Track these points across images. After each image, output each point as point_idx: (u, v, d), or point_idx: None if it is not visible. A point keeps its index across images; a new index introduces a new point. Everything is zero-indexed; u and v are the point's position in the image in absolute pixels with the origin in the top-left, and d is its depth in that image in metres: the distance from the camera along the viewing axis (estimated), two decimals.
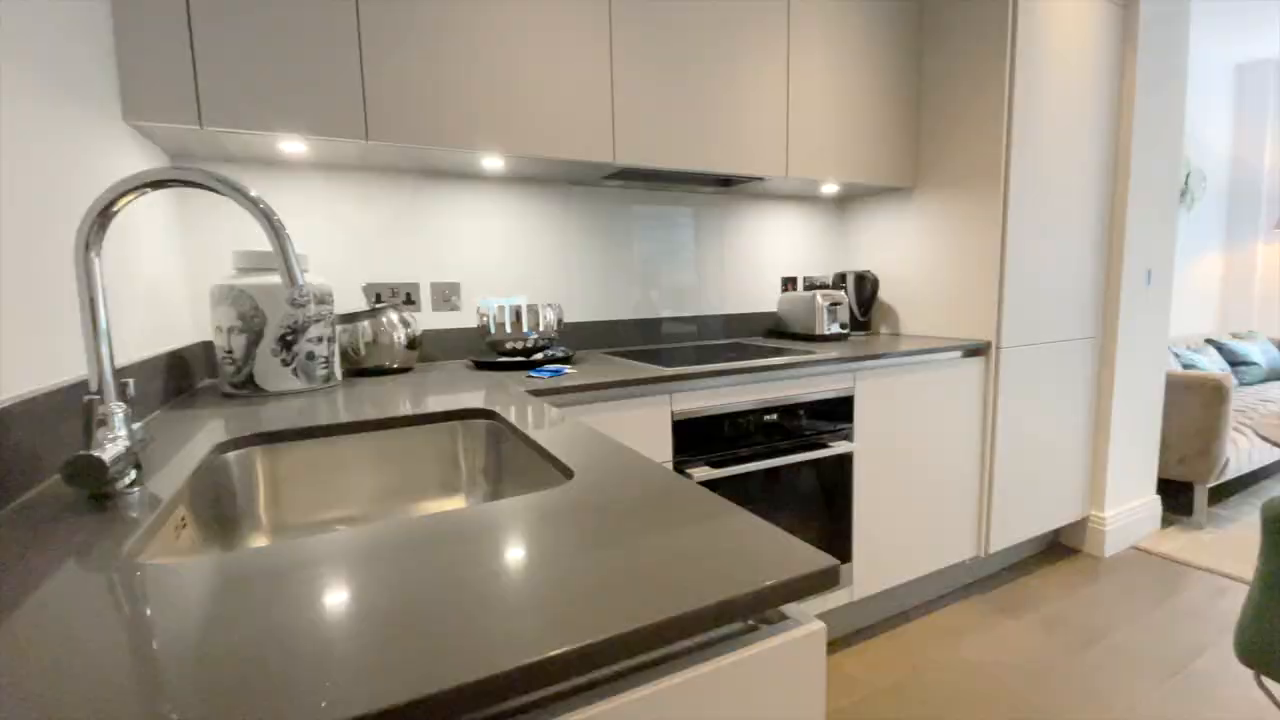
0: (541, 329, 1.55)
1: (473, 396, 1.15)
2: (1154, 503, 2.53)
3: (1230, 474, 2.63)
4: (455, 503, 1.04)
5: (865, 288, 2.26)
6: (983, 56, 1.95)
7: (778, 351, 1.80)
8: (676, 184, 2.00)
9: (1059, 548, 2.45)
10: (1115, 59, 2.18)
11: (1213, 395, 2.48)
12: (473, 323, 1.79)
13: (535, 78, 1.47)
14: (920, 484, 1.91)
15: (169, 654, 0.36)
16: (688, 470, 1.47)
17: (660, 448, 1.42)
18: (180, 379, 1.27)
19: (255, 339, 1.21)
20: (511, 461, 0.95)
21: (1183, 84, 2.35)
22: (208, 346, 1.48)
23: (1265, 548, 0.98)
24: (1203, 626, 1.90)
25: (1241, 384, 3.36)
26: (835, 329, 2.12)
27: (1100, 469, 2.35)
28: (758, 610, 0.44)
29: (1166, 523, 2.62)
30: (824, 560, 0.46)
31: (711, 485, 1.50)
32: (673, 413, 1.44)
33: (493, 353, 1.60)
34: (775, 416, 1.61)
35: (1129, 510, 2.43)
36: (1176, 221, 2.44)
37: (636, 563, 0.47)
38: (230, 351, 1.21)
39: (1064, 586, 2.16)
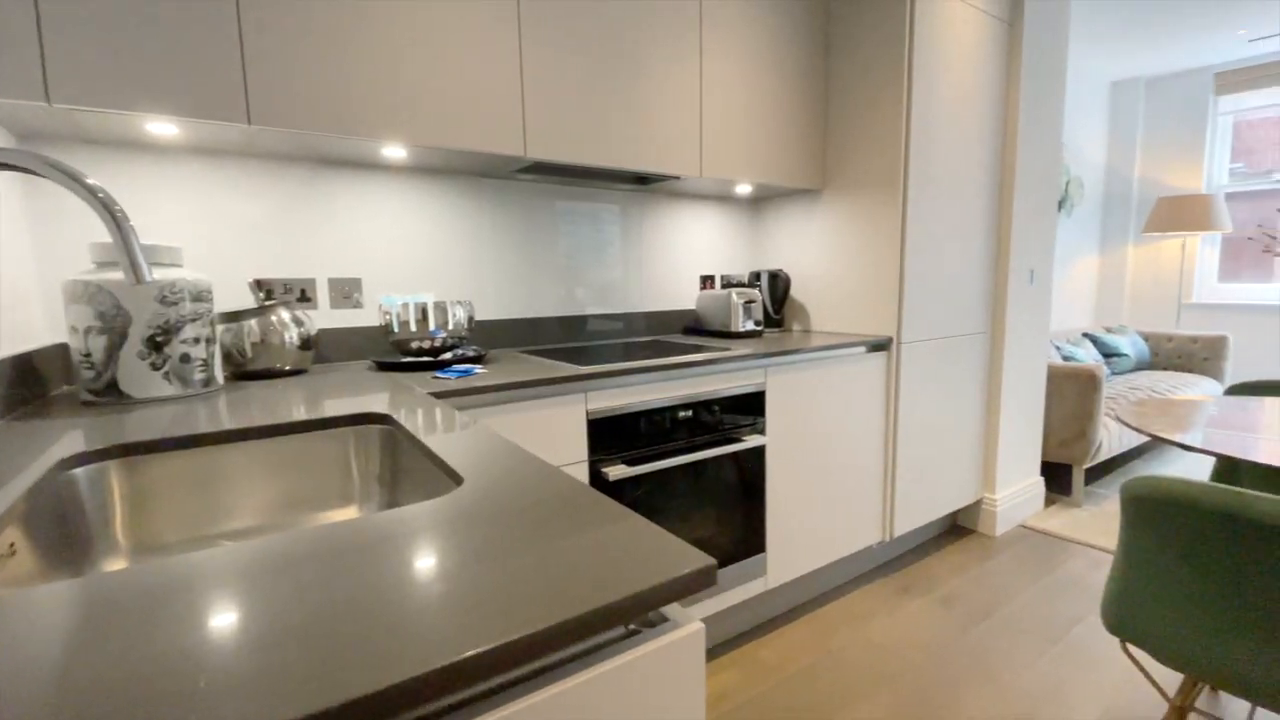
0: (450, 328, 1.49)
1: (369, 400, 1.09)
2: (1038, 484, 2.76)
3: (1104, 456, 2.90)
4: (348, 513, 0.98)
5: (778, 286, 2.33)
6: (882, 68, 2.04)
7: (696, 348, 1.82)
8: (593, 180, 1.98)
9: (957, 529, 2.63)
10: (1001, 74, 2.34)
11: (1087, 384, 2.73)
12: (376, 321, 1.70)
13: (439, 65, 1.41)
14: (829, 473, 1.98)
15: None
16: (603, 469, 1.46)
17: (574, 447, 1.40)
18: (29, 386, 1.13)
19: (118, 340, 1.09)
20: (408, 468, 0.90)
21: (1061, 98, 2.55)
22: (65, 349, 1.33)
23: (1124, 526, 1.08)
24: (1081, 597, 2.09)
25: (1113, 373, 3.71)
26: (750, 326, 2.17)
27: (992, 454, 2.53)
28: (636, 614, 0.43)
29: (1049, 502, 2.87)
30: (701, 560, 0.46)
31: (627, 483, 1.50)
32: (588, 411, 1.42)
33: (397, 353, 1.52)
34: (690, 412, 1.62)
35: (1017, 491, 2.63)
36: (1056, 225, 2.66)
37: (514, 573, 0.45)
38: (88, 355, 1.09)
39: (960, 565, 2.32)
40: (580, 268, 2.11)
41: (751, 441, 1.73)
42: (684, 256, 2.37)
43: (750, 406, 1.76)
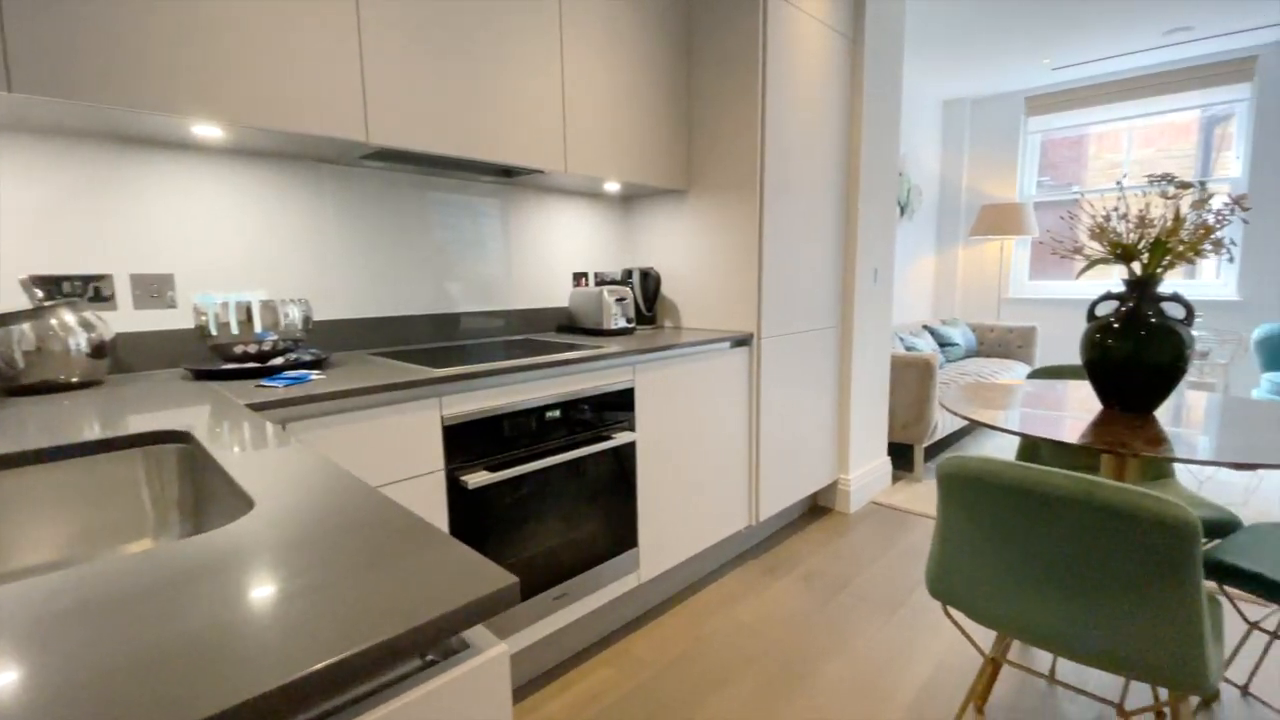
0: (282, 329, 1.35)
1: (170, 415, 0.95)
2: (886, 463, 3.03)
3: (940, 435, 3.25)
4: (141, 547, 0.85)
5: (649, 284, 2.36)
6: (738, 76, 2.12)
7: (567, 347, 1.79)
8: (452, 170, 1.88)
9: (816, 509, 2.82)
10: (846, 86, 2.53)
11: (924, 371, 3.03)
12: (193, 323, 1.50)
13: (261, 36, 1.26)
14: (698, 465, 2.04)
15: None
16: (462, 477, 1.39)
17: (428, 456, 1.32)
18: None
19: None
20: (214, 492, 0.79)
21: (898, 112, 2.81)
22: None
23: (939, 501, 1.20)
24: (919, 564, 2.32)
25: (948, 361, 4.17)
26: (622, 323, 2.18)
27: (845, 438, 2.74)
28: (430, 643, 0.40)
29: (895, 479, 3.16)
30: (502, 580, 0.43)
31: (490, 490, 1.44)
32: (443, 417, 1.35)
33: (217, 359, 1.35)
34: (559, 412, 1.59)
35: (868, 471, 2.88)
36: (896, 229, 2.92)
37: (288, 611, 0.39)
38: None
39: (819, 543, 2.49)
40: (454, 263, 2.01)
41: (622, 438, 1.74)
42: (558, 253, 2.34)
43: (620, 404, 1.76)
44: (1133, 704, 1.51)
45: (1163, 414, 1.44)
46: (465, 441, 1.40)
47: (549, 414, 1.57)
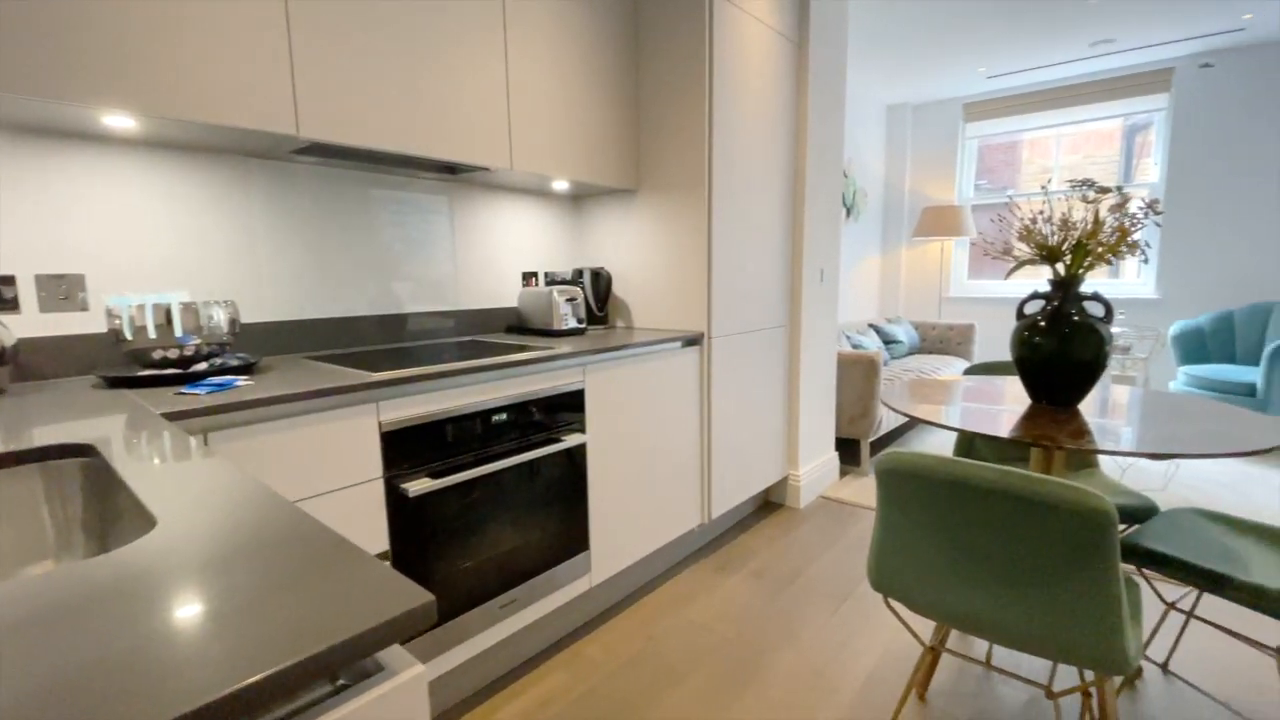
0: (206, 332, 1.27)
1: (75, 427, 0.89)
2: (833, 458, 3.10)
3: (884, 430, 3.35)
4: (44, 569, 0.79)
5: (600, 283, 2.34)
6: (686, 77, 2.13)
7: (516, 348, 1.76)
8: (395, 167, 1.83)
9: (768, 505, 2.86)
10: (792, 89, 2.57)
11: (869, 368, 3.12)
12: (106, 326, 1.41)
13: (176, 19, 1.18)
14: (650, 465, 2.04)
15: None
16: (403, 485, 1.34)
17: (365, 464, 1.28)
18: None
19: None
20: (123, 509, 0.74)
21: (842, 115, 2.87)
22: None
23: (878, 496, 1.23)
24: (864, 556, 2.38)
25: (892, 358, 4.30)
26: (573, 324, 2.16)
27: (794, 435, 2.79)
28: (344, 665, 0.38)
29: (843, 473, 3.24)
30: (416, 598, 0.41)
31: (432, 497, 1.40)
32: (381, 423, 1.30)
33: (134, 365, 1.27)
34: (506, 415, 1.56)
35: (817, 466, 2.94)
36: (841, 230, 2.99)
37: (184, 637, 0.37)
38: None
39: (770, 539, 2.53)
40: (401, 262, 1.95)
41: (572, 440, 1.72)
42: (507, 252, 2.30)
43: (570, 405, 1.74)
44: (1061, 685, 1.59)
45: (1089, 407, 1.51)
46: (406, 448, 1.35)
47: (496, 417, 1.54)
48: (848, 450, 3.41)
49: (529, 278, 2.32)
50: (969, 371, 2.14)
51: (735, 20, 2.19)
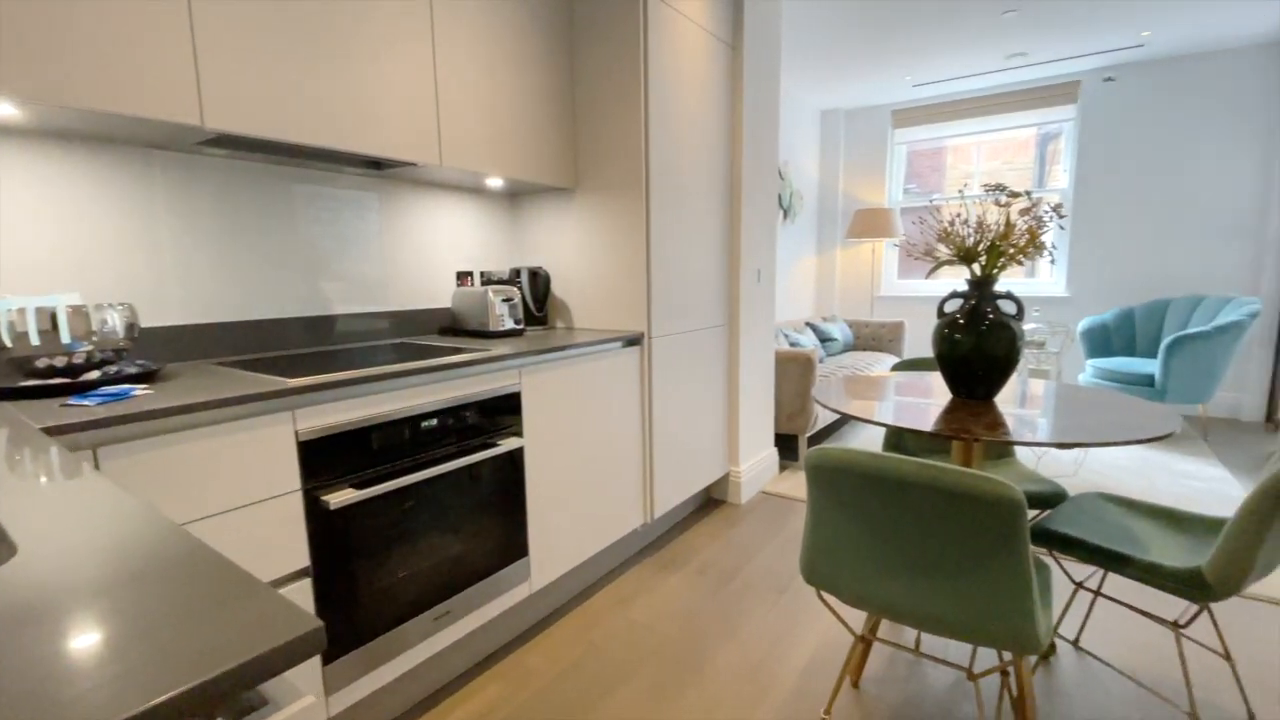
0: (99, 338, 1.17)
1: None
2: (773, 454, 3.17)
3: (821, 425, 3.44)
4: None
5: (539, 283, 2.30)
6: (621, 77, 2.12)
7: (449, 350, 1.70)
8: (313, 161, 1.74)
9: (710, 502, 2.89)
10: (727, 92, 2.61)
11: (805, 366, 3.20)
12: None
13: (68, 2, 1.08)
14: (590, 467, 2.02)
15: None
16: (323, 497, 1.28)
17: (281, 476, 1.20)
18: None
19: None
20: None
21: (776, 118, 2.93)
22: None
23: (809, 491, 1.25)
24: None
25: (828, 355, 4.43)
26: (510, 325, 2.11)
27: (735, 432, 2.83)
28: (221, 702, 0.34)
29: (782, 468, 3.31)
30: (302, 625, 0.38)
31: (358, 508, 1.34)
32: (298, 432, 1.23)
33: (16, 374, 1.15)
34: (436, 421, 1.51)
35: (757, 462, 2.99)
36: (778, 231, 3.06)
37: (45, 676, 0.32)
38: None
39: (712, 535, 2.55)
40: (328, 261, 1.86)
41: (508, 445, 1.68)
42: (441, 251, 2.23)
43: (506, 408, 1.70)
44: (981, 667, 1.67)
45: (1005, 399, 1.59)
46: (327, 458, 1.29)
47: (426, 423, 1.49)
48: (786, 445, 3.49)
49: (464, 277, 2.25)
50: (896, 367, 2.23)
51: (670, 21, 2.20)
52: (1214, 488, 2.95)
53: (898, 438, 2.09)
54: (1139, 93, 4.34)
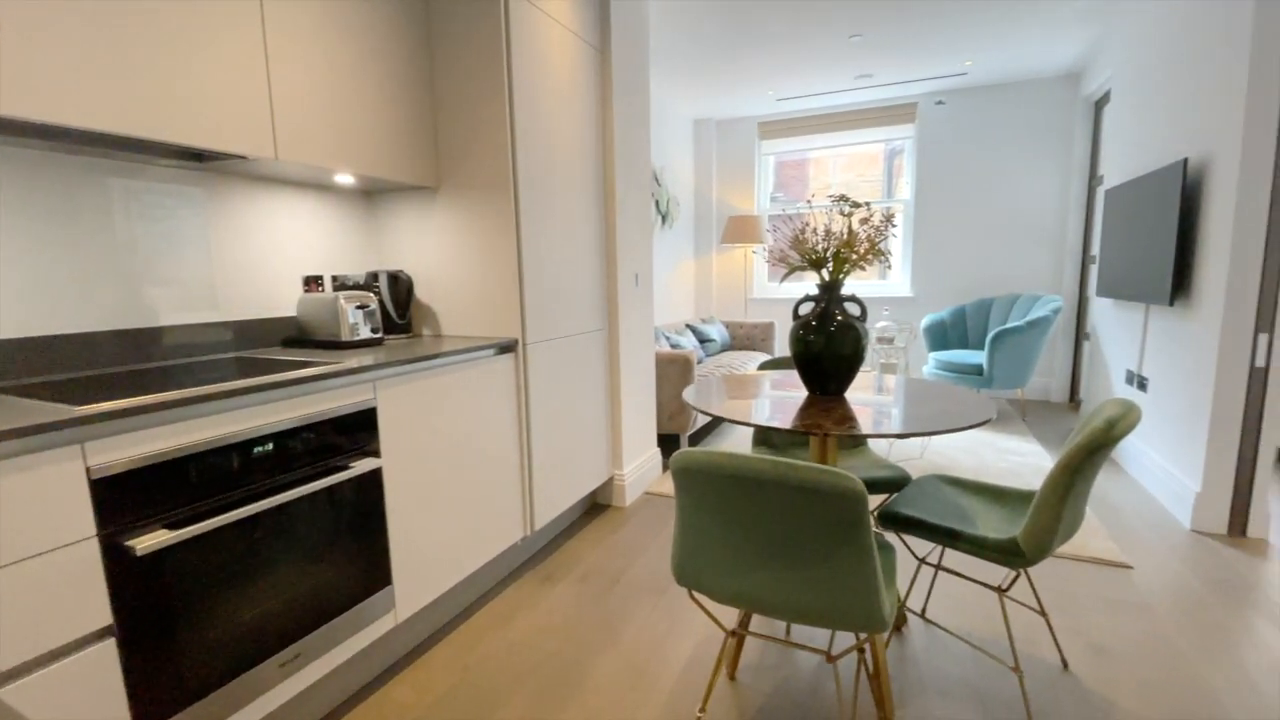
0: None
1: None
2: (656, 454, 3.21)
3: (701, 424, 3.54)
4: None
5: (400, 288, 2.16)
6: (485, 76, 2.04)
7: (292, 364, 1.53)
8: (114, 151, 1.50)
9: (595, 507, 2.87)
10: (597, 96, 2.60)
11: (684, 367, 3.28)
12: None
13: None
14: (463, 483, 1.92)
15: None
16: (128, 542, 1.09)
17: (69, 521, 1.01)
18: None
19: None
20: None
21: (647, 123, 2.97)
22: None
23: (676, 493, 1.26)
24: None
25: (706, 355, 4.58)
26: (366, 333, 1.96)
27: (618, 435, 2.83)
28: None
29: (665, 468, 3.37)
30: None
31: (174, 551, 1.16)
32: (90, 469, 1.04)
33: None
34: (271, 446, 1.35)
35: (641, 464, 3.02)
36: (654, 235, 3.10)
37: None
38: None
39: (596, 541, 2.53)
40: (151, 266, 1.62)
41: (363, 466, 1.55)
42: (284, 254, 2.01)
43: (360, 426, 1.57)
44: (840, 648, 1.78)
45: (856, 394, 1.71)
46: (132, 496, 1.10)
47: (260, 449, 1.33)
48: (669, 446, 3.56)
49: (312, 282, 2.06)
50: (762, 366, 2.33)
51: (534, 20, 2.15)
52: (1031, 461, 3.39)
53: (765, 433, 2.18)
54: (965, 114, 4.91)
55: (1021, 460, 3.41)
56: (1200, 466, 2.47)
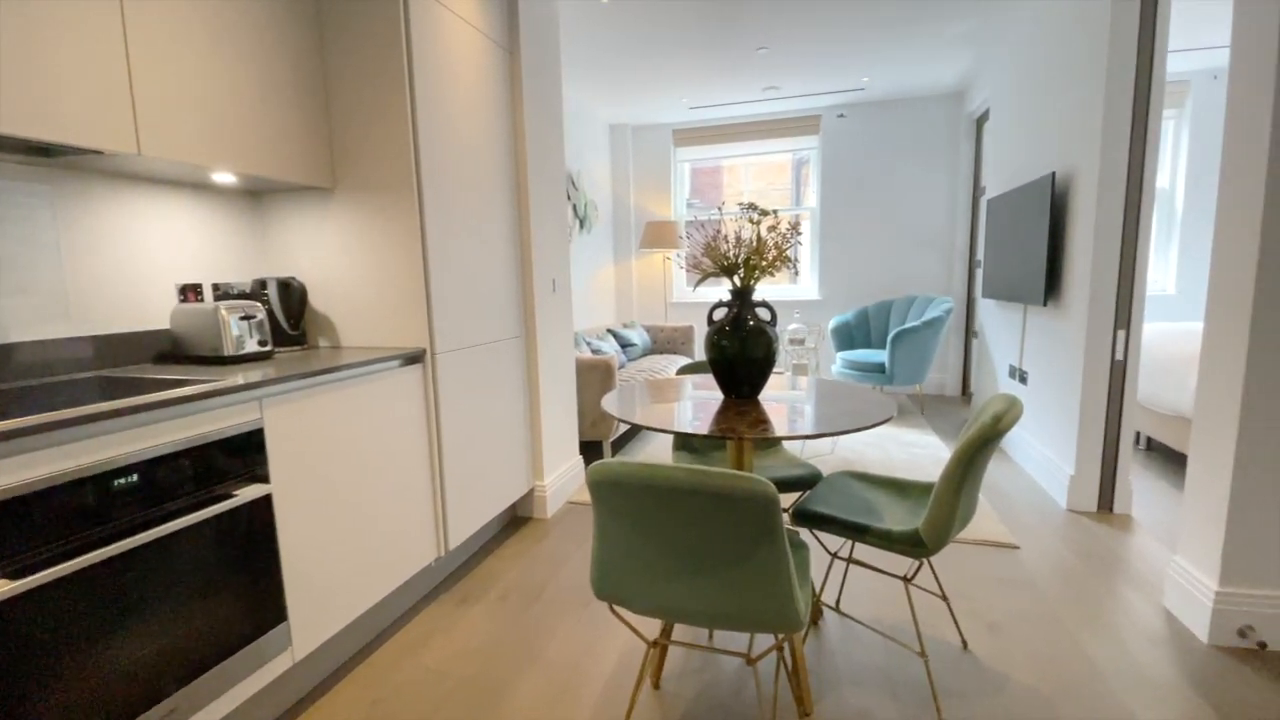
0: None
1: None
2: (578, 462, 3.17)
3: (622, 429, 3.53)
4: None
5: (292, 296, 2.00)
6: (384, 74, 1.93)
7: (164, 383, 1.37)
8: None
9: (516, 520, 2.79)
10: (508, 98, 2.53)
11: (605, 372, 3.25)
12: None
13: None
14: (367, 505, 1.80)
15: None
16: None
17: None
18: None
19: None
20: None
21: (561, 126, 2.93)
22: None
23: (593, 506, 1.23)
24: None
25: (628, 360, 4.58)
26: (253, 347, 1.79)
27: (538, 444, 2.77)
28: None
29: None
30: None
31: (17, 602, 1.00)
32: None
33: None
34: (136, 477, 1.20)
35: (563, 473, 2.96)
36: (572, 240, 3.06)
37: None
38: None
39: (517, 556, 2.45)
40: None
41: (249, 494, 1.41)
42: (155, 261, 1.81)
43: (245, 450, 1.43)
44: (759, 649, 1.81)
45: (774, 394, 1.75)
46: None
47: (122, 480, 1.17)
48: (592, 453, 3.52)
49: (189, 292, 1.86)
50: (681, 371, 2.35)
51: (437, 15, 2.06)
52: (931, 452, 3.62)
53: (685, 436, 2.20)
54: (864, 128, 5.20)
55: (923, 451, 3.64)
56: (1073, 452, 2.72)
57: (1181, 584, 1.90)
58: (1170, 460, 3.40)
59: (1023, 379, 3.40)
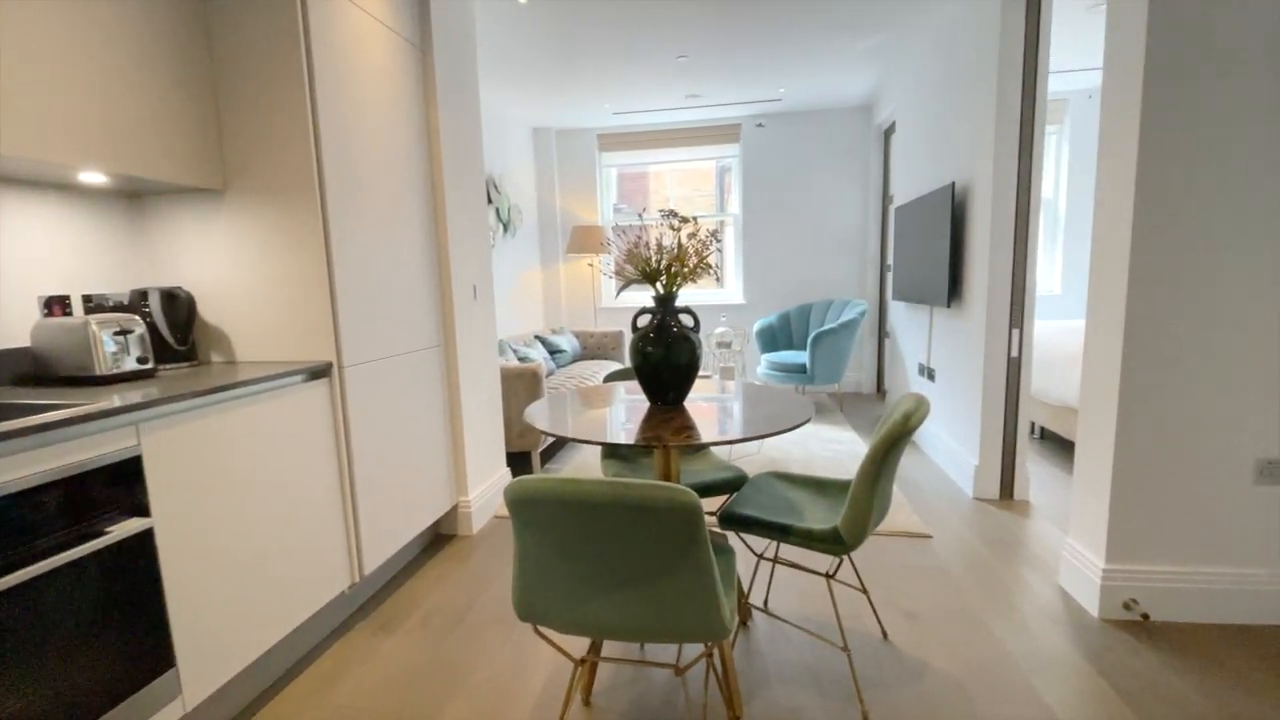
0: None
1: None
2: (505, 475, 3.07)
3: (550, 440, 3.46)
4: None
5: (178, 308, 1.82)
6: (280, 72, 1.80)
7: (22, 409, 1.21)
8: None
9: (439, 538, 2.67)
10: (420, 97, 2.43)
11: (532, 381, 3.18)
12: None
13: None
14: (267, 535, 1.66)
15: None
16: None
17: None
18: None
19: None
20: None
21: (478, 127, 2.85)
22: None
23: (513, 525, 1.18)
24: None
25: (557, 367, 4.51)
26: (131, 365, 1.62)
27: (461, 459, 2.66)
28: None
29: None
30: None
31: None
32: None
33: None
34: None
35: (489, 487, 2.86)
36: (493, 244, 2.97)
37: None
38: None
39: (442, 576, 2.34)
40: None
41: (126, 529, 1.26)
42: (13, 269, 1.60)
43: (119, 480, 1.28)
44: (687, 659, 1.81)
45: (700, 399, 1.75)
46: None
47: None
48: (521, 464, 3.43)
49: (54, 304, 1.66)
50: (608, 378, 2.32)
51: (338, 9, 1.94)
52: (849, 448, 3.77)
53: (614, 448, 2.17)
54: (781, 136, 5.38)
55: (842, 448, 3.78)
56: (977, 443, 2.90)
57: (1074, 564, 2.05)
58: (1061, 448, 3.70)
59: (931, 376, 3.60)
